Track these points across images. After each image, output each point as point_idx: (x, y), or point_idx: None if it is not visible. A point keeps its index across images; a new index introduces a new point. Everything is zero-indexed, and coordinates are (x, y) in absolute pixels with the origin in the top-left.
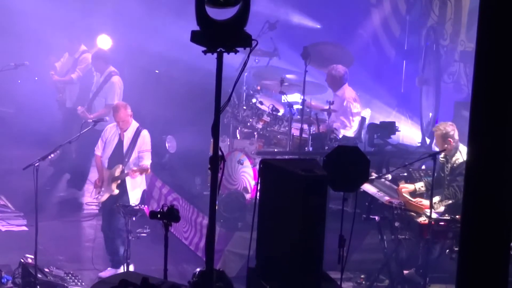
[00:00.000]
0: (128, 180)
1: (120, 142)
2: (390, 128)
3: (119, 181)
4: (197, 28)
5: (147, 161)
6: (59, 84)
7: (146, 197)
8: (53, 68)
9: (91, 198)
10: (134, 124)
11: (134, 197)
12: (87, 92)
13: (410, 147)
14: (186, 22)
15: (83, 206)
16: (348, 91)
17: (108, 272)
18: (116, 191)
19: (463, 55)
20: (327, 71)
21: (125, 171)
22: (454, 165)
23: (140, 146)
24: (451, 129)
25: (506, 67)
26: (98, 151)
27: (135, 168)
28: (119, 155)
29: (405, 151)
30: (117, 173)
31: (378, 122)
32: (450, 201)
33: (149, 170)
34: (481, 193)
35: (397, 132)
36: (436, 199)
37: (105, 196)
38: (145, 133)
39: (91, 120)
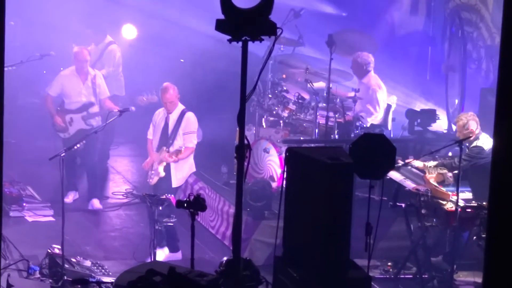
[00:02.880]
0: (171, 163)
1: (166, 124)
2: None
3: (164, 163)
4: (221, 16)
5: (190, 143)
6: None
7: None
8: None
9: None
10: (180, 107)
11: (176, 180)
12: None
13: (442, 133)
14: (211, 11)
15: (109, 196)
16: (373, 79)
17: (165, 256)
18: (163, 174)
19: (489, 47)
20: (353, 59)
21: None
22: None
23: (184, 127)
24: (472, 118)
25: None
26: (150, 135)
27: (167, 153)
28: (166, 138)
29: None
30: (162, 155)
31: (405, 109)
32: (445, 170)
33: (185, 152)
34: (508, 179)
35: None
36: (431, 163)
37: (155, 179)
38: (189, 115)
39: (117, 110)
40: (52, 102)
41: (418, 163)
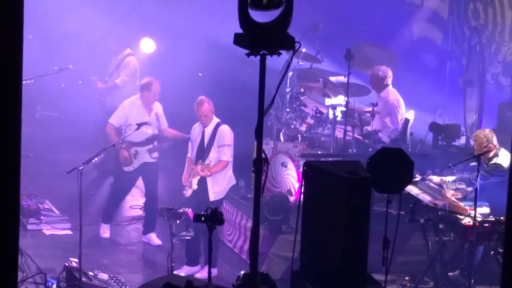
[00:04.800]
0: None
1: (203, 138)
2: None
3: (198, 177)
4: (240, 30)
5: (224, 156)
6: (103, 90)
7: None
8: (96, 74)
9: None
10: (215, 120)
11: (213, 194)
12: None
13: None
14: (228, 25)
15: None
16: (392, 93)
17: (184, 269)
18: (195, 186)
19: (507, 62)
20: (372, 72)
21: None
22: (488, 166)
23: (218, 140)
24: (491, 136)
25: None
26: (189, 153)
27: (199, 167)
28: (202, 152)
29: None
30: (196, 168)
31: (422, 123)
32: (463, 185)
33: (218, 165)
34: None
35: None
36: (449, 178)
37: (189, 192)
38: (224, 128)
39: (135, 124)
40: (115, 131)
41: (435, 178)
